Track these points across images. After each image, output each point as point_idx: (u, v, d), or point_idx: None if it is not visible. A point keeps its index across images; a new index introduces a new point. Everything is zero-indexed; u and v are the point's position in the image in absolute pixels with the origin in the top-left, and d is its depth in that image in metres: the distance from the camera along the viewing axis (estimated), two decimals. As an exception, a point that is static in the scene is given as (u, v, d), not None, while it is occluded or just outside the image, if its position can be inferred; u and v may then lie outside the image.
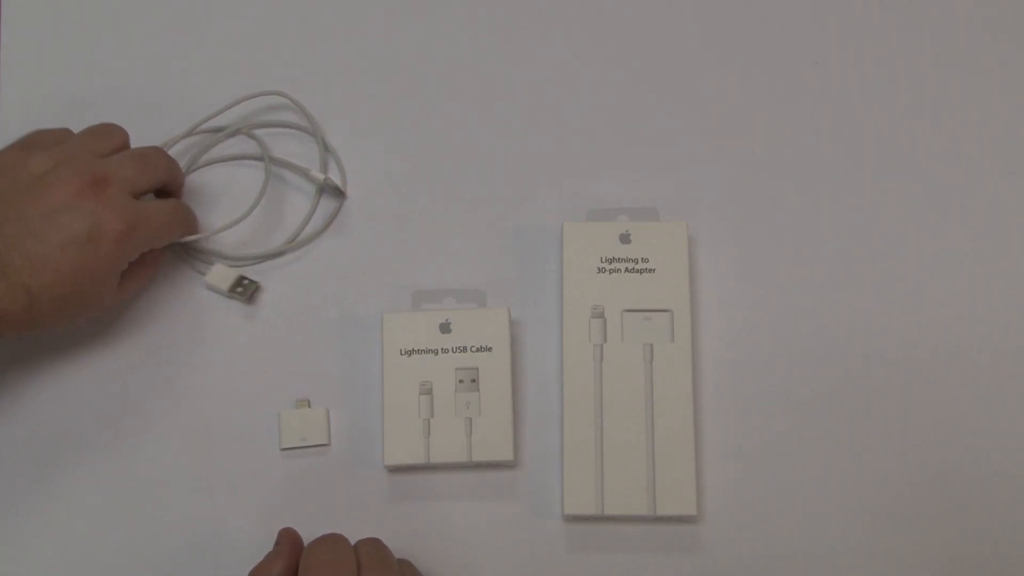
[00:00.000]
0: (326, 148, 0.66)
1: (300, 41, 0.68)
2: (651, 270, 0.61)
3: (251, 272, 0.64)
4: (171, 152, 0.65)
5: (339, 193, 0.65)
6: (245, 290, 0.63)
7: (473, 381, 0.60)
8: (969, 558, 0.60)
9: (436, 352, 0.60)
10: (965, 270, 0.64)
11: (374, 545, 0.55)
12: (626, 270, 0.61)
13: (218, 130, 0.67)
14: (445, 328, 0.60)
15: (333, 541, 0.55)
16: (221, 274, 0.63)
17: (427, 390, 0.60)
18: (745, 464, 0.61)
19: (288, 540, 0.56)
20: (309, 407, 0.62)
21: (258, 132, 0.66)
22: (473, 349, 0.60)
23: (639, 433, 0.59)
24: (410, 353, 0.60)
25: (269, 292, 0.64)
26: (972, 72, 0.68)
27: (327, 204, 0.66)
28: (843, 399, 0.62)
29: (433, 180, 0.66)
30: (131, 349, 0.63)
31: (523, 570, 0.60)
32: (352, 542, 0.55)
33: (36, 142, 0.59)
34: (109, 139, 0.60)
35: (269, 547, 0.60)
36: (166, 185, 0.62)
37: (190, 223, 0.63)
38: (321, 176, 0.65)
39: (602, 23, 0.69)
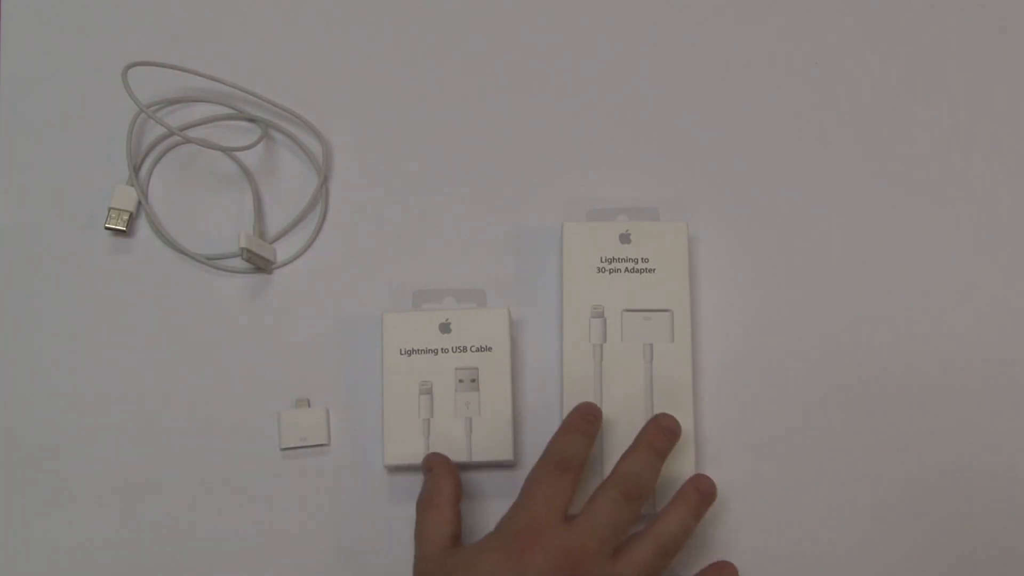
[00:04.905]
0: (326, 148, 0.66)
1: (299, 39, 0.68)
2: (651, 270, 0.61)
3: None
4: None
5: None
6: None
7: (473, 381, 0.60)
8: (971, 558, 0.60)
9: (436, 352, 0.60)
10: (966, 270, 0.64)
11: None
12: (626, 270, 0.61)
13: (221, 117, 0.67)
14: (445, 328, 0.60)
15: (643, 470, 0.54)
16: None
17: (427, 390, 0.60)
18: (745, 464, 0.61)
19: (443, 462, 0.57)
20: (309, 407, 0.62)
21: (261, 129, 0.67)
22: (473, 349, 0.60)
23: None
24: (410, 353, 0.60)
25: (269, 292, 0.64)
26: (974, 72, 0.68)
27: (326, 204, 0.66)
28: (843, 398, 0.62)
29: (433, 180, 0.66)
30: (131, 349, 0.63)
31: (523, 570, 0.60)
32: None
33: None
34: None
35: (269, 547, 0.60)
36: None
37: None
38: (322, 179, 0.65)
39: (603, 23, 0.69)
